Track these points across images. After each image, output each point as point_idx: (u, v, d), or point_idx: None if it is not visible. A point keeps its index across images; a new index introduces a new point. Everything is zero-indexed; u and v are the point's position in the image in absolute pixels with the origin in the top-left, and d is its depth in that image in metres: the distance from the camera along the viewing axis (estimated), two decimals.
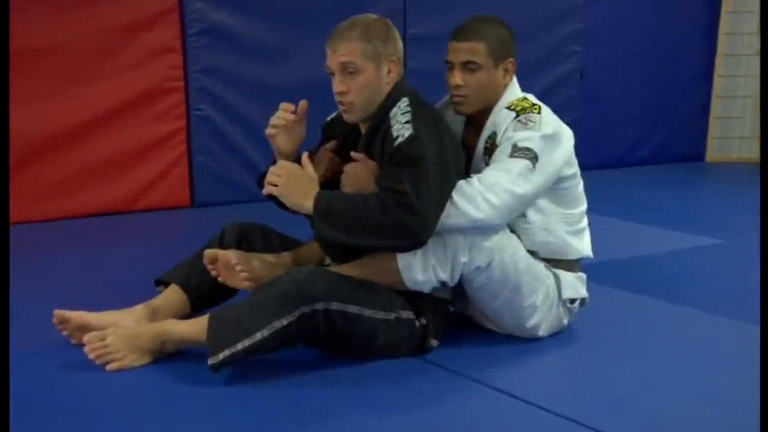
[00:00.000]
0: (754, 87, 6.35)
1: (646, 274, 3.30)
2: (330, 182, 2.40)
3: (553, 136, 2.33)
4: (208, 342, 2.11)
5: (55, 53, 4.03)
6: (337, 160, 2.46)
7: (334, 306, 2.16)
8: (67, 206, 4.14)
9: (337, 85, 2.31)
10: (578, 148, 2.49)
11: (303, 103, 2.47)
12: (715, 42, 6.28)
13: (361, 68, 2.27)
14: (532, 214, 2.38)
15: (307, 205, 2.19)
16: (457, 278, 2.26)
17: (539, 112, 2.36)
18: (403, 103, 2.29)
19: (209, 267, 2.41)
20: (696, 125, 6.38)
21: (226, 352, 2.09)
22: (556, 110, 2.49)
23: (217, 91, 4.50)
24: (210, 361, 2.09)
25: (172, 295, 2.48)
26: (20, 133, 3.87)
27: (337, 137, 2.53)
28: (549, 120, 2.36)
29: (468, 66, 2.38)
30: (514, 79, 2.47)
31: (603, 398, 2.11)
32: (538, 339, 2.44)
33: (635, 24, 5.97)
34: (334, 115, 2.60)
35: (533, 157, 2.28)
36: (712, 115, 6.36)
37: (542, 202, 2.39)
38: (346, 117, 2.38)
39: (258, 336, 2.10)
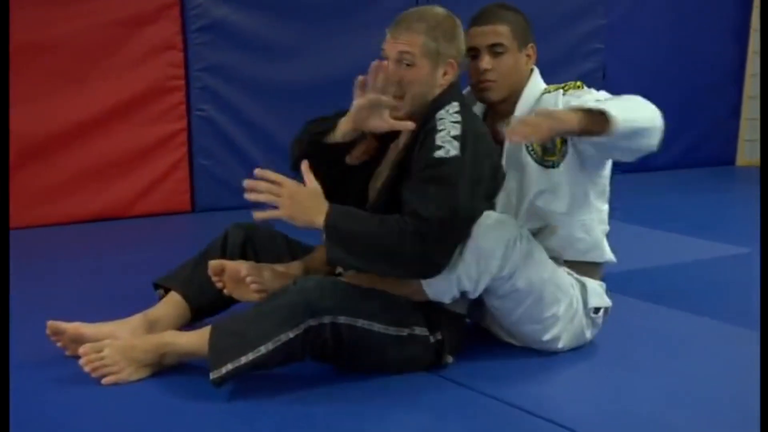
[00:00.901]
0: None
1: (670, 284, 3.30)
2: (368, 163, 2.44)
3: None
4: (210, 355, 2.12)
5: (50, 50, 4.06)
6: (374, 144, 2.47)
7: (342, 320, 2.16)
8: (62, 211, 4.17)
9: (391, 74, 2.34)
10: None
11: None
12: (747, 38, 6.27)
13: (418, 63, 2.31)
14: (574, 208, 2.42)
15: (318, 221, 2.18)
16: (481, 289, 2.26)
17: (581, 86, 2.45)
18: (453, 108, 2.30)
19: (214, 279, 2.41)
20: (726, 127, 6.37)
21: (229, 366, 2.09)
22: None
23: (220, 90, 4.52)
24: (212, 376, 2.10)
25: (172, 303, 2.49)
26: (14, 134, 3.90)
27: None
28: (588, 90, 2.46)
29: (494, 49, 2.43)
30: (536, 69, 2.52)
31: (625, 416, 2.11)
32: (556, 353, 2.44)
33: (660, 19, 5.97)
34: None
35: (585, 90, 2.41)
36: (744, 117, 6.35)
37: (589, 194, 2.45)
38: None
39: (263, 350, 2.10)
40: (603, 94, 2.40)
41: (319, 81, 4.77)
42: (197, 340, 2.20)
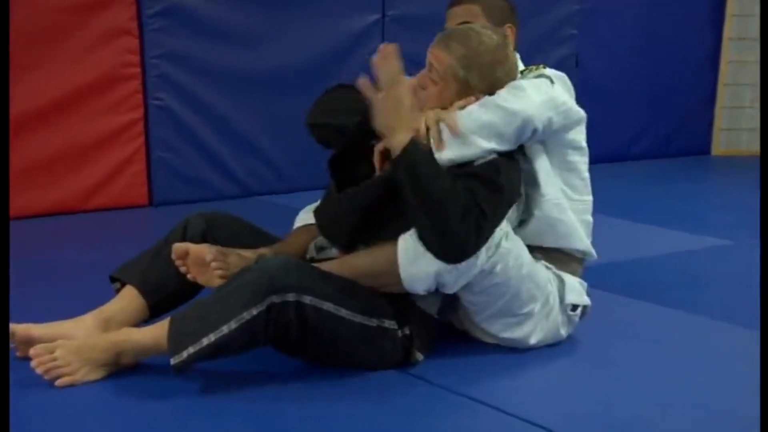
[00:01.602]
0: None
1: (646, 277, 3.32)
2: None
3: (566, 79, 2.54)
4: (170, 340, 2.09)
5: None
6: None
7: (308, 300, 2.14)
8: (13, 205, 4.10)
9: (419, 77, 2.38)
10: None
11: None
12: (722, 25, 6.34)
13: (441, 83, 2.33)
14: (546, 186, 2.46)
15: (401, 138, 2.19)
16: (460, 285, 2.25)
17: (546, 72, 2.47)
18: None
19: (178, 262, 2.37)
20: (701, 116, 6.43)
21: (191, 350, 2.07)
22: None
23: (178, 78, 4.48)
24: (173, 361, 2.07)
25: (128, 299, 2.44)
26: None
27: None
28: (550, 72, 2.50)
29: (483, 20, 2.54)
30: (516, 55, 2.52)
31: (599, 414, 2.12)
32: (529, 349, 2.45)
33: (635, 6, 6.01)
34: None
35: (547, 80, 2.41)
36: (719, 105, 6.41)
37: (552, 170, 2.49)
38: None
39: (225, 329, 2.08)
40: (527, 96, 2.34)
41: (280, 69, 4.75)
42: (155, 333, 2.17)
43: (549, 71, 2.48)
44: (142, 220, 4.29)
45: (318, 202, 2.52)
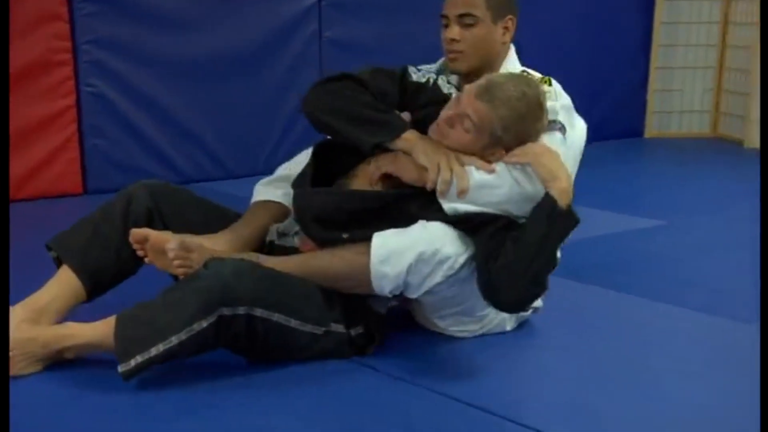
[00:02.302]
0: (695, 57, 6.52)
1: (585, 259, 3.36)
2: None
3: (572, 107, 2.43)
4: (117, 346, 2.06)
5: None
6: None
7: (258, 312, 2.13)
8: None
9: (449, 116, 2.26)
10: None
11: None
12: (653, 10, 6.42)
13: (475, 132, 2.23)
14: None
15: (564, 185, 2.15)
16: (423, 290, 2.23)
17: (550, 84, 2.41)
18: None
19: (136, 246, 2.31)
20: (634, 99, 6.52)
21: (139, 359, 2.04)
22: None
23: (111, 64, 4.39)
24: (121, 369, 2.04)
25: (64, 283, 2.35)
26: None
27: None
28: (562, 91, 2.42)
29: (464, 19, 2.42)
30: (512, 47, 2.54)
31: (543, 396, 2.15)
32: (466, 338, 2.47)
33: None
34: (423, 78, 2.48)
35: (561, 128, 2.33)
36: (651, 88, 6.51)
37: None
38: (453, 66, 2.46)
39: (174, 340, 2.05)
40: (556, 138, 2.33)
41: (216, 54, 4.69)
42: (101, 331, 2.13)
43: (554, 85, 2.42)
44: (77, 208, 4.20)
45: (276, 177, 2.52)
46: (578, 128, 2.45)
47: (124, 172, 4.43)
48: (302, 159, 2.52)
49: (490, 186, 2.19)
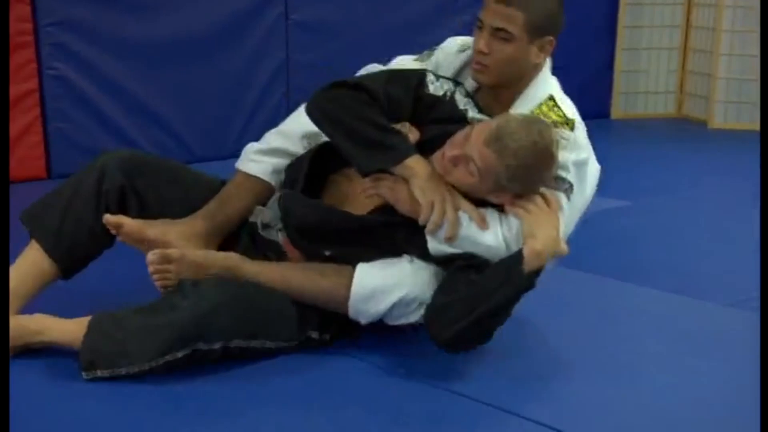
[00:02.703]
0: (659, 38, 6.55)
1: None
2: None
3: (587, 161, 2.30)
4: (84, 355, 2.07)
5: None
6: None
7: (234, 343, 2.14)
8: None
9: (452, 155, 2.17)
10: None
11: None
12: None
13: (480, 178, 2.15)
14: None
15: (539, 248, 2.10)
16: (401, 323, 2.24)
17: (572, 129, 2.30)
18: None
19: (112, 231, 2.29)
20: (601, 80, 6.54)
21: (106, 373, 2.07)
22: None
23: (74, 47, 4.33)
24: (84, 375, 2.06)
25: (33, 263, 2.30)
26: None
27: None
28: (583, 142, 2.32)
29: (498, 34, 2.24)
30: (548, 63, 2.41)
31: (518, 381, 2.18)
32: None
33: None
34: (441, 90, 2.34)
35: (568, 188, 2.24)
36: (617, 70, 6.54)
37: None
38: (476, 77, 2.33)
39: (145, 366, 2.07)
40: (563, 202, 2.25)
41: (180, 37, 4.64)
42: (72, 334, 2.13)
43: (576, 132, 2.31)
44: (41, 193, 4.14)
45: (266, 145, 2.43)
46: (588, 187, 2.32)
47: (88, 156, 4.33)
48: (294, 129, 2.43)
49: (477, 240, 2.15)
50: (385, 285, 2.17)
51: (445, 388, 2.09)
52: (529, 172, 2.13)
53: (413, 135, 2.25)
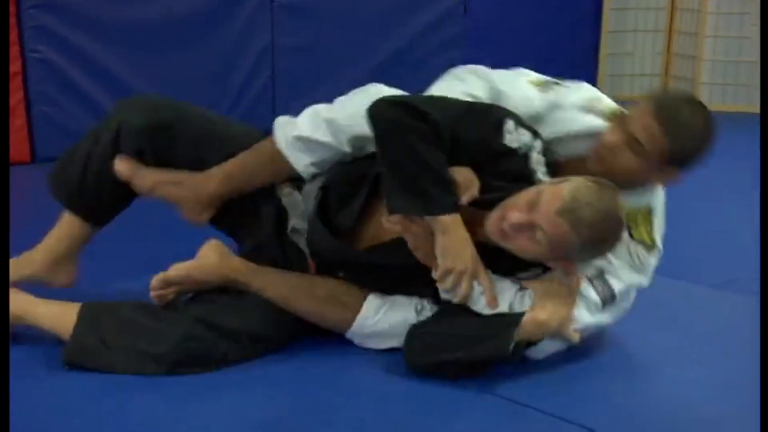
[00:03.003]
0: (644, 20, 6.56)
1: None
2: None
3: (636, 288, 2.24)
4: (70, 343, 2.08)
5: None
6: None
7: (229, 358, 2.14)
8: None
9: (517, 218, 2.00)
10: None
11: None
12: None
13: (547, 247, 2.00)
14: None
15: (543, 318, 2.05)
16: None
17: (653, 246, 2.23)
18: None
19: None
20: (587, 62, 6.55)
21: (87, 364, 2.07)
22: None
23: (57, 29, 4.31)
24: (64, 359, 2.08)
25: (65, 221, 2.33)
26: None
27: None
28: (651, 271, 2.25)
29: (635, 145, 2.09)
30: (660, 190, 2.28)
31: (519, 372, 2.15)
32: None
33: None
34: (516, 143, 2.13)
35: (608, 299, 2.15)
36: (603, 52, 6.55)
37: None
38: (589, 164, 2.14)
39: (128, 370, 2.07)
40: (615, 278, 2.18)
41: (164, 20, 4.62)
42: (58, 319, 2.13)
43: (653, 258, 2.23)
44: (25, 177, 4.13)
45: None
46: (620, 311, 2.21)
47: (72, 139, 4.32)
48: (346, 126, 2.22)
49: (483, 310, 2.10)
50: (386, 333, 2.18)
51: (461, 385, 2.07)
52: (601, 243, 2.03)
53: (472, 189, 2.06)
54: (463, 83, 2.27)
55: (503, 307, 2.08)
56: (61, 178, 2.35)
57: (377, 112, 2.06)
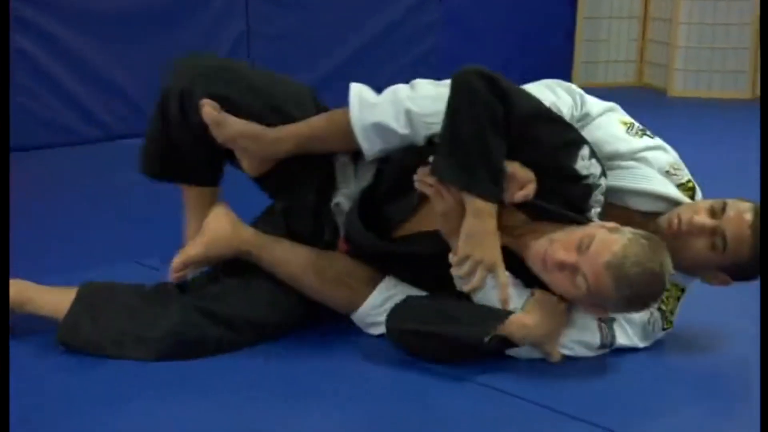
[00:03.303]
0: (619, 7, 6.59)
1: None
2: None
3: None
4: (63, 329, 2.10)
5: None
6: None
7: (223, 345, 2.14)
8: None
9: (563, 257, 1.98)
10: (439, 79, 2.42)
11: None
12: None
13: (584, 296, 2.00)
14: None
15: (530, 323, 2.04)
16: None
17: (666, 331, 2.25)
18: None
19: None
20: (563, 49, 6.58)
21: (77, 343, 2.09)
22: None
23: (33, 19, 4.27)
24: (58, 337, 2.09)
25: (203, 194, 2.35)
26: None
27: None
28: (656, 339, 2.25)
29: (717, 239, 2.10)
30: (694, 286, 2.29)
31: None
32: None
33: None
34: (586, 171, 2.10)
35: (606, 346, 2.15)
36: (578, 39, 6.58)
37: None
38: (666, 232, 2.13)
39: (116, 354, 2.08)
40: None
41: (138, 7, 4.58)
42: (59, 304, 2.13)
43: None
44: None
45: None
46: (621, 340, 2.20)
47: (48, 129, 4.34)
48: (423, 122, 2.15)
49: (491, 302, 2.08)
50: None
51: (471, 380, 2.06)
52: (636, 303, 2.01)
53: (528, 189, 2.03)
54: (553, 94, 2.24)
55: (512, 308, 2.06)
56: (152, 160, 2.34)
57: (462, 78, 2.03)
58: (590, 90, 2.34)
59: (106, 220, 3.01)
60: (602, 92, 2.28)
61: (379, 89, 2.24)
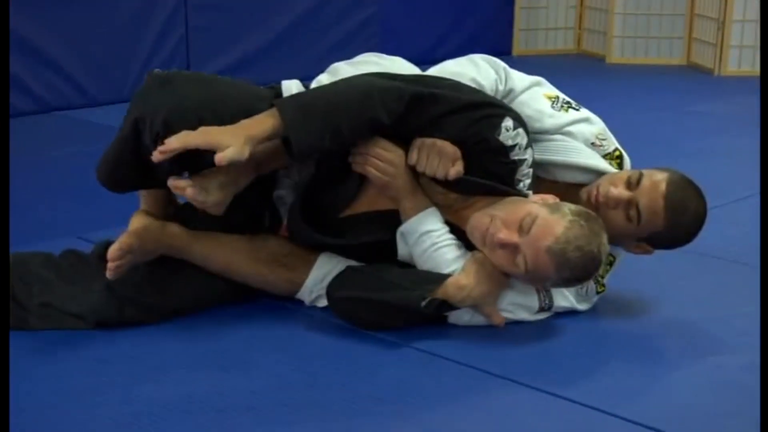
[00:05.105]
0: None
1: None
2: None
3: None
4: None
5: None
6: None
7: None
8: None
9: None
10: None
11: None
12: None
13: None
14: None
15: (471, 283, 2.07)
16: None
17: (601, 293, 2.31)
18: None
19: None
20: (502, 16, 6.62)
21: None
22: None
23: None
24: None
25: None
26: None
27: None
28: (594, 301, 2.32)
29: (632, 211, 2.16)
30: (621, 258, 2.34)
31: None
32: None
33: None
34: (511, 141, 2.11)
35: (545, 309, 2.22)
36: (517, 6, 6.63)
37: None
38: (581, 202, 2.19)
39: (42, 327, 2.08)
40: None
41: None
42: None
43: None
44: None
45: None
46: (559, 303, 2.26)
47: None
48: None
49: (438, 261, 2.12)
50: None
51: (411, 346, 2.10)
52: (573, 282, 2.08)
53: (458, 166, 2.06)
54: (475, 68, 2.27)
55: (456, 262, 2.10)
56: (110, 175, 2.16)
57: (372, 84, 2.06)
58: (530, 57, 2.37)
59: (45, 194, 2.97)
60: (542, 59, 2.32)
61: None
